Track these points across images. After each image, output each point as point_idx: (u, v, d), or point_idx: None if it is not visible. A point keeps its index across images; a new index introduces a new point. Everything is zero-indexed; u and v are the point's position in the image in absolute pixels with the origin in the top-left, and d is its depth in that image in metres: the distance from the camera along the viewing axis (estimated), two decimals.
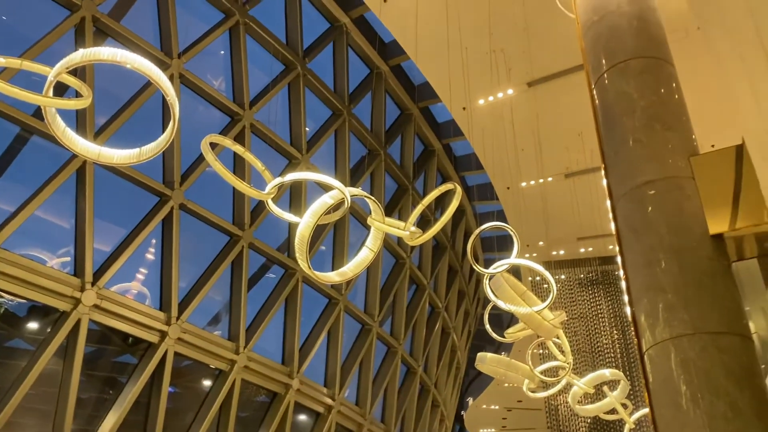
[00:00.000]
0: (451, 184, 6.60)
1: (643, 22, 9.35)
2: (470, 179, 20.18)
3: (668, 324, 7.51)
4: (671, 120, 8.82)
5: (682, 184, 8.25)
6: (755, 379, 6.86)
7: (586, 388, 10.29)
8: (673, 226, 8.11)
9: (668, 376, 7.24)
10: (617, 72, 9.17)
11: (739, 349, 7.09)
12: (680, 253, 7.88)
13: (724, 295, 7.63)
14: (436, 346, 19.65)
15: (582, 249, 20.77)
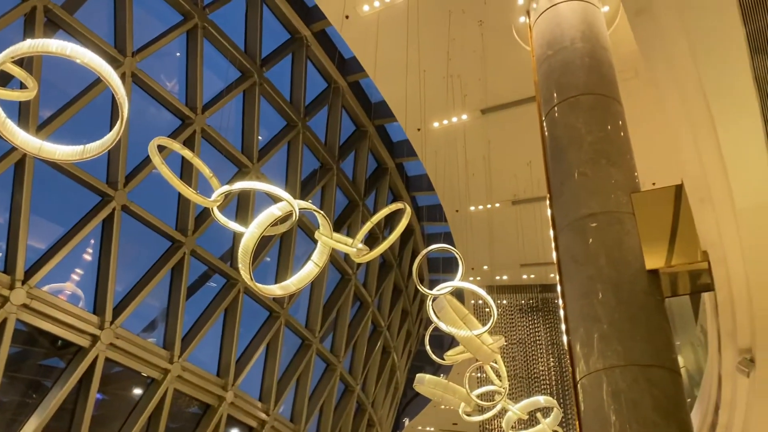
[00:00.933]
0: (401, 203, 6.63)
1: (595, 60, 9.69)
2: (421, 200, 20.35)
3: (602, 354, 7.71)
4: (616, 156, 9.14)
5: (622, 218, 8.53)
6: (680, 412, 7.09)
7: (520, 414, 10.41)
8: (612, 259, 8.37)
9: (599, 405, 7.42)
10: (567, 106, 9.46)
11: (668, 383, 7.33)
12: (617, 286, 8.13)
13: (657, 329, 7.89)
14: (375, 365, 19.58)
15: (524, 275, 21.14)
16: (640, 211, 8.50)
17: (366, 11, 11.78)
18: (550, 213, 9.67)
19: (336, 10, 11.99)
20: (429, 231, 21.17)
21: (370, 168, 17.83)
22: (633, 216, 8.37)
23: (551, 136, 9.59)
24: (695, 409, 15.44)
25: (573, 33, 9.80)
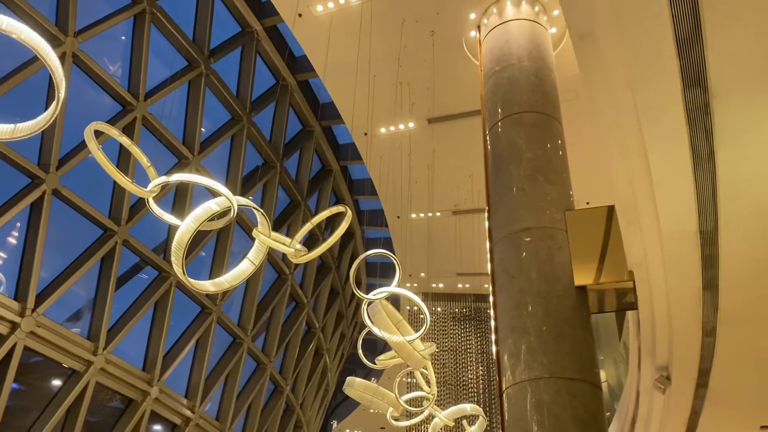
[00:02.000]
0: (342, 206, 6.65)
1: (540, 80, 9.96)
2: (363, 203, 20.39)
3: (528, 366, 7.91)
4: (553, 174, 9.42)
5: (555, 234, 8.79)
6: (598, 425, 7.34)
7: (447, 420, 10.55)
8: (543, 273, 8.61)
9: (522, 415, 7.61)
10: (511, 122, 9.69)
11: (589, 396, 7.58)
12: (546, 300, 8.36)
13: (581, 343, 8.15)
14: (307, 367, 19.47)
15: (460, 284, 21.46)
16: (572, 228, 8.78)
17: (319, 11, 11.75)
18: (488, 225, 9.87)
19: (289, 7, 11.91)
20: (369, 235, 21.23)
21: (314, 168, 17.75)
22: (565, 233, 8.64)
23: (493, 151, 9.80)
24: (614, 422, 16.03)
25: (520, 51, 10.06)
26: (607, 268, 8.56)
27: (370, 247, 18.59)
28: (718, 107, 4.42)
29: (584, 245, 8.71)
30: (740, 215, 5.46)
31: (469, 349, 22.14)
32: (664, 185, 5.30)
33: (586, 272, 8.52)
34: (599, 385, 7.80)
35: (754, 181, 5.11)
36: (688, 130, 4.62)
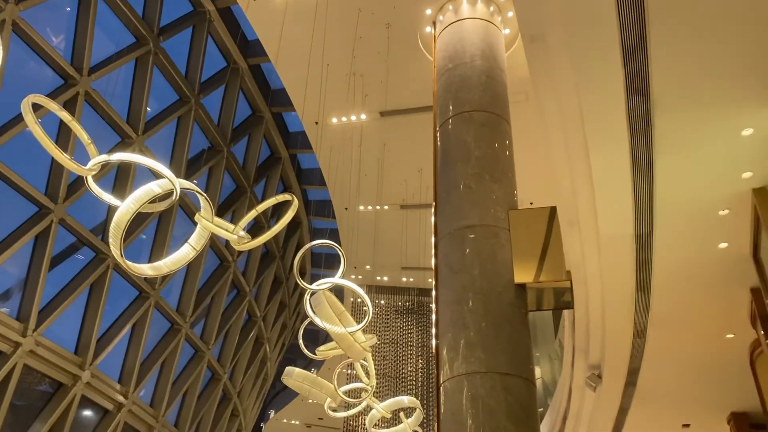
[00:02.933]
0: (289, 195, 6.60)
1: (491, 80, 10.08)
2: (311, 193, 20.26)
3: (466, 360, 8.02)
4: (499, 173, 9.55)
5: (498, 233, 8.93)
6: (531, 420, 7.53)
7: (384, 412, 10.63)
8: (485, 270, 8.73)
9: (458, 408, 7.72)
10: (461, 120, 9.78)
11: (523, 392, 7.75)
12: (487, 296, 8.49)
13: (518, 340, 8.32)
14: (246, 355, 19.26)
15: (404, 278, 21.62)
16: (515, 227, 8.93)
17: None
18: (434, 220, 9.96)
19: None
20: (316, 226, 21.13)
21: (262, 155, 17.50)
22: (508, 231, 8.80)
23: (443, 147, 9.88)
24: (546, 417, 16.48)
25: (474, 50, 10.16)
26: (547, 268, 8.73)
27: (317, 238, 18.51)
28: (659, 116, 4.57)
29: (526, 244, 8.87)
30: (674, 221, 5.68)
31: (411, 342, 22.34)
32: (605, 189, 5.46)
33: (527, 271, 8.69)
34: (533, 381, 7.98)
35: (689, 188, 5.33)
36: (629, 137, 4.77)
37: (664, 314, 7.18)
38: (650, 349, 7.93)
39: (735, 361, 8.15)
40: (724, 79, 4.28)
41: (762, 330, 6.71)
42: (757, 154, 4.89)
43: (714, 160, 4.97)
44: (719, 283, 6.61)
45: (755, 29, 3.91)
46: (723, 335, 7.72)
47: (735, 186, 5.24)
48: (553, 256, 8.80)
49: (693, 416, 10.18)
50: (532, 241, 9.06)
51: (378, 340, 21.83)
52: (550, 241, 8.93)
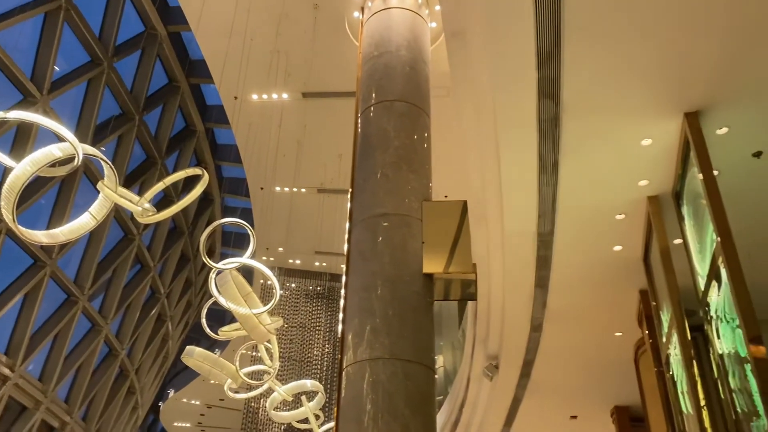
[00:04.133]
0: (199, 169, 6.44)
1: (415, 72, 10.15)
2: (226, 170, 19.79)
3: (370, 346, 8.09)
4: (416, 165, 9.66)
5: (411, 222, 9.04)
6: (428, 406, 7.70)
7: (286, 395, 10.60)
8: (395, 258, 8.83)
9: (359, 394, 7.78)
10: (382, 108, 9.80)
11: (422, 379, 7.91)
12: (395, 284, 8.59)
13: (422, 328, 8.48)
14: (147, 332, 18.67)
15: (317, 263, 21.56)
16: (427, 218, 9.09)
17: None
18: (350, 206, 9.98)
19: None
20: (229, 204, 20.68)
21: (176, 127, 16.91)
22: (420, 222, 8.95)
23: (363, 134, 9.88)
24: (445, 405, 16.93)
25: (400, 40, 10.19)
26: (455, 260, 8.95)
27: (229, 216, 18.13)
28: (567, 121, 4.76)
29: (436, 236, 9.02)
30: (574, 222, 5.95)
31: (319, 326, 22.35)
32: (512, 188, 5.65)
33: (435, 261, 8.87)
34: (433, 369, 8.17)
35: (590, 192, 5.59)
36: (538, 139, 4.94)
37: (560, 310, 7.54)
38: (545, 343, 8.30)
39: (621, 358, 8.67)
40: (629, 90, 4.51)
41: (647, 330, 7.16)
42: (653, 164, 5.20)
43: (614, 167, 5.24)
44: (612, 284, 7.00)
45: (660, 44, 4.14)
46: (612, 333, 8.19)
47: (632, 192, 5.55)
48: (461, 249, 9.03)
49: (580, 408, 10.76)
50: (442, 233, 9.25)
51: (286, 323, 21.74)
52: (460, 235, 9.18)
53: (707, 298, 4.74)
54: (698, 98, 4.48)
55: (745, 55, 4.23)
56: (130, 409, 19.45)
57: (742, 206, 5.43)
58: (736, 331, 4.03)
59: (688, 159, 4.80)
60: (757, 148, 4.89)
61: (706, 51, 4.17)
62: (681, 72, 4.32)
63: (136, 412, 20.44)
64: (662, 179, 5.35)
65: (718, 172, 4.98)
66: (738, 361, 4.21)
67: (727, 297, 4.18)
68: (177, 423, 31.94)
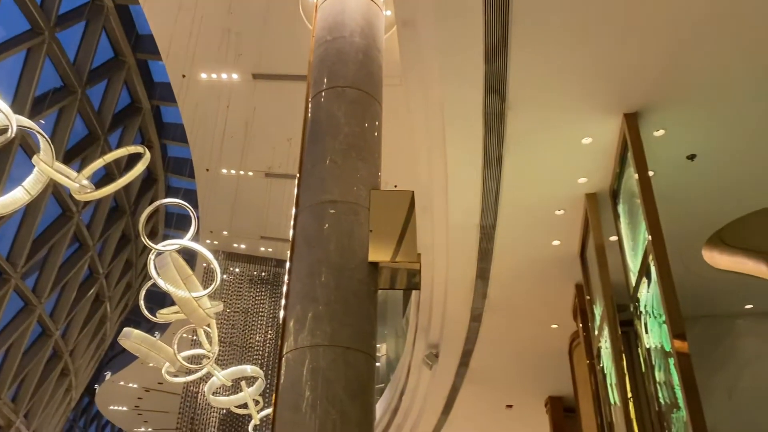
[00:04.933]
0: (141, 147, 6.28)
1: (368, 59, 10.09)
2: (172, 150, 19.34)
3: (311, 333, 8.06)
4: (366, 153, 9.63)
5: (358, 211, 9.03)
6: (367, 394, 7.73)
7: (224, 380, 10.48)
8: (341, 246, 8.79)
9: (298, 380, 7.74)
10: (334, 94, 9.72)
11: (363, 366, 7.93)
12: (340, 272, 8.56)
13: (365, 316, 8.48)
14: (83, 313, 18.15)
15: (263, 248, 21.32)
16: (375, 207, 9.09)
17: None
18: (297, 192, 9.89)
19: None
20: (173, 184, 20.22)
21: (121, 103, 16.40)
22: (368, 210, 8.97)
23: (313, 119, 9.77)
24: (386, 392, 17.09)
25: (354, 26, 10.09)
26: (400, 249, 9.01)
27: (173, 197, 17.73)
28: (512, 117, 4.84)
29: (383, 225, 9.04)
30: (516, 216, 6.07)
31: (262, 312, 22.14)
32: (457, 180, 5.71)
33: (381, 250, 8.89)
34: (374, 357, 8.19)
35: (532, 187, 5.70)
36: (483, 133, 5.00)
37: (499, 302, 7.69)
38: (484, 333, 8.46)
39: (556, 349, 8.92)
40: (572, 88, 4.61)
41: (581, 323, 7.38)
42: (592, 162, 5.34)
43: (556, 163, 5.36)
44: (549, 277, 7.18)
45: (603, 46, 4.24)
46: (548, 325, 8.42)
47: (571, 189, 5.68)
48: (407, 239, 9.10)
49: (516, 398, 11.03)
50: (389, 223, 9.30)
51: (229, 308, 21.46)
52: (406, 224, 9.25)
53: (638, 294, 4.91)
54: (638, 100, 4.62)
55: (683, 59, 4.38)
56: (63, 390, 18.92)
57: (676, 207, 5.65)
58: (663, 326, 4.19)
59: (625, 159, 4.95)
60: (692, 151, 5.08)
61: (647, 54, 4.30)
62: (622, 73, 4.44)
63: (70, 393, 19.90)
64: (601, 177, 5.50)
65: (654, 172, 5.16)
66: (663, 355, 4.38)
67: (655, 293, 4.34)
68: (113, 406, 31.23)
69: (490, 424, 12.09)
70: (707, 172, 5.29)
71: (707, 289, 6.90)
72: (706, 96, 4.63)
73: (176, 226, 19.93)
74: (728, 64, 4.37)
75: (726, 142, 4.98)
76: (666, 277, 4.15)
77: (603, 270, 5.53)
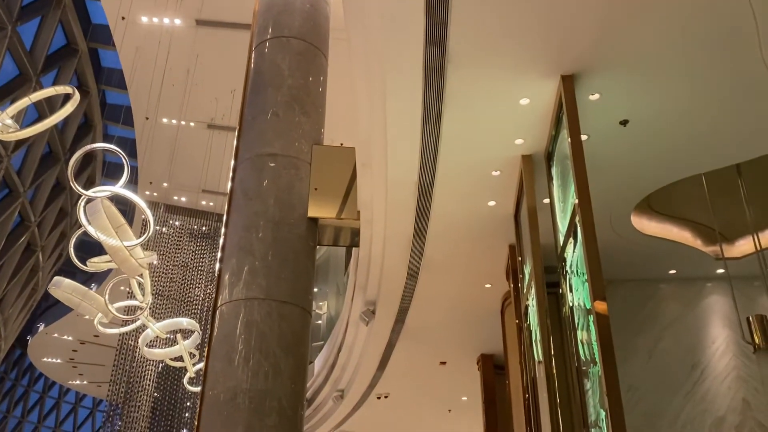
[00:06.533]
0: (69, 87, 6.01)
1: (315, 10, 9.84)
2: (111, 96, 18.60)
3: (247, 286, 8.01)
4: (310, 106, 9.46)
5: (299, 165, 8.91)
6: (301, 347, 7.77)
7: (158, 332, 10.35)
8: (280, 200, 8.70)
9: (231, 333, 7.71)
10: (278, 45, 9.47)
11: (298, 320, 7.94)
12: (278, 226, 8.49)
13: (302, 271, 8.46)
14: (13, 261, 17.52)
15: (204, 201, 20.94)
16: (316, 162, 9.00)
17: None
18: (236, 144, 9.67)
19: None
20: (112, 132, 19.51)
21: (55, 43, 15.59)
22: (309, 165, 8.86)
23: (256, 70, 9.52)
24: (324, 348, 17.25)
25: None
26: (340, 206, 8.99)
27: None
28: (452, 72, 4.81)
29: (324, 180, 8.98)
30: (453, 175, 6.10)
31: (202, 267, 21.87)
32: (396, 136, 5.68)
33: (321, 206, 8.85)
34: (310, 312, 8.23)
35: (470, 146, 5.73)
36: (423, 87, 4.96)
37: (435, 260, 7.77)
38: (420, 291, 8.57)
39: (489, 309, 9.14)
40: (511, 47, 4.60)
41: (512, 283, 7.56)
42: (529, 124, 5.38)
43: (493, 123, 5.38)
44: (485, 237, 7.28)
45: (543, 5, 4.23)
46: (482, 284, 8.58)
47: (508, 150, 5.73)
48: (347, 196, 9.07)
49: (449, 355, 11.29)
50: (331, 179, 9.21)
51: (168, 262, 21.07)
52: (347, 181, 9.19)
53: (564, 254, 5.04)
54: (574, 62, 4.65)
55: (621, 24, 4.41)
56: None
57: (608, 173, 5.78)
58: (585, 285, 4.32)
59: (560, 121, 5.00)
60: (625, 117, 5.17)
61: (584, 16, 4.31)
62: (560, 34, 4.45)
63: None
64: (536, 139, 5.55)
65: (587, 136, 5.24)
66: (585, 313, 4.53)
67: (580, 254, 4.46)
68: (46, 358, 30.53)
69: (425, 380, 12.38)
70: (639, 139, 5.40)
71: (635, 253, 7.14)
72: (641, 62, 4.69)
73: (116, 176, 19.30)
74: (664, 32, 4.43)
75: (658, 109, 5.08)
76: (590, 237, 4.26)
77: (534, 231, 5.63)
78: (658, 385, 7.26)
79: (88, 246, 11.45)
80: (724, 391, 7.11)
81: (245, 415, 6.43)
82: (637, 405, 7.02)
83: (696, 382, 7.19)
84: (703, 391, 7.14)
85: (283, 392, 6.98)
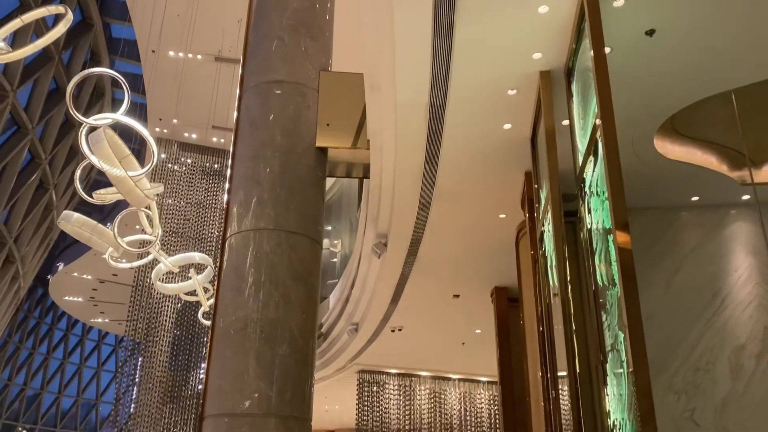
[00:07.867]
0: (62, 7, 5.69)
1: None
2: (116, 29, 18.15)
3: (255, 216, 7.82)
4: (316, 31, 9.04)
5: (306, 92, 8.55)
6: (311, 277, 7.60)
7: (171, 266, 10.29)
8: (287, 129, 8.38)
9: (241, 264, 7.57)
10: None
11: (308, 251, 7.77)
12: (286, 155, 8.22)
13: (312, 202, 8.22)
14: (26, 200, 17.52)
15: (215, 138, 20.68)
16: (324, 89, 8.65)
17: None
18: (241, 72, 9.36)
19: None
20: (118, 67, 19.14)
21: None
22: (317, 93, 8.55)
23: None
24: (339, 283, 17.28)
25: None
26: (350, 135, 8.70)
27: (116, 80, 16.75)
28: None
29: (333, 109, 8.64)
30: (467, 95, 5.78)
31: (216, 204, 21.81)
32: (405, 51, 5.35)
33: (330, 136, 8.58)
34: (320, 242, 8.01)
35: (484, 62, 5.38)
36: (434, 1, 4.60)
37: (448, 189, 7.53)
38: (432, 221, 8.37)
39: (503, 239, 8.93)
40: None
41: (528, 213, 7.31)
42: (548, 35, 5.02)
43: (510, 35, 5.02)
44: (499, 164, 7.00)
45: None
46: (496, 215, 8.35)
47: (525, 66, 5.38)
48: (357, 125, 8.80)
49: (463, 288, 11.19)
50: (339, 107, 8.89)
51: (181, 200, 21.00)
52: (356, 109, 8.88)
53: (583, 174, 4.77)
54: None
55: None
56: (9, 278, 18.58)
57: (632, 90, 5.42)
58: (605, 203, 4.07)
59: (582, 31, 4.64)
60: (651, 26, 4.79)
61: None
62: None
63: (17, 282, 19.59)
64: (556, 53, 5.20)
65: (611, 49, 4.88)
66: (603, 233, 4.29)
67: (600, 172, 4.19)
68: (68, 297, 31.11)
69: (438, 313, 12.35)
70: (666, 51, 5.03)
71: (655, 179, 6.84)
72: None
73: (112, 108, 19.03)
74: None
75: (685, 16, 4.69)
76: (612, 153, 3.98)
77: (551, 152, 5.35)
78: (676, 314, 7.08)
79: (104, 185, 11.26)
80: (745, 320, 6.92)
81: (256, 344, 6.33)
82: (654, 333, 6.85)
83: (716, 310, 6.99)
84: (723, 320, 6.95)
85: (294, 322, 6.86)
